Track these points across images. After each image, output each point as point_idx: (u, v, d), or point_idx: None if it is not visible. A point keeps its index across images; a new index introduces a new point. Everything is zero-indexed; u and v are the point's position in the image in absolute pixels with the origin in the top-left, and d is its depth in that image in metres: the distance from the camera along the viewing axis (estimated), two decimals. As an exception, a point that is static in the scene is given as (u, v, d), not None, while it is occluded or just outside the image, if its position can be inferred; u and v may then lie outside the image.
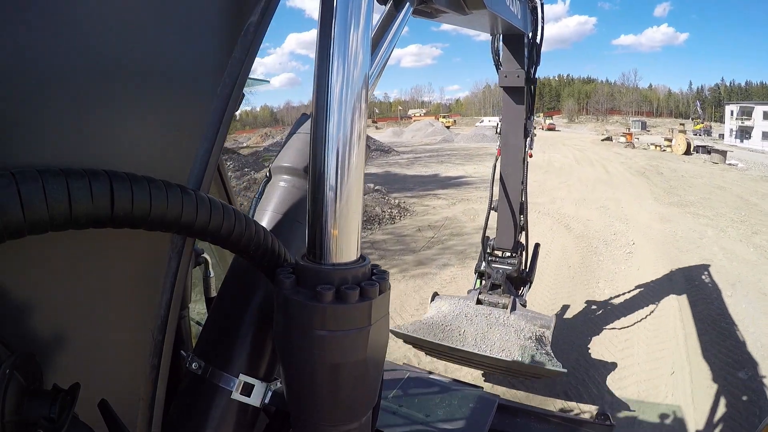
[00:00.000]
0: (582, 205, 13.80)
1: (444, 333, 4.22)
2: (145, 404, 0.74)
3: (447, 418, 2.73)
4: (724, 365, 5.18)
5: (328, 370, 0.70)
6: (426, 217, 12.28)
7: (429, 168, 23.27)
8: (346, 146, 0.70)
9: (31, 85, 0.50)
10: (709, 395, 4.62)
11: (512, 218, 4.66)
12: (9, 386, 0.44)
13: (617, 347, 5.66)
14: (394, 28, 1.09)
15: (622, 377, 5.04)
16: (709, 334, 5.89)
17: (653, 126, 78.79)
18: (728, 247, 9.63)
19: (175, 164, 0.70)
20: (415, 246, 9.79)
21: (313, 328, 0.67)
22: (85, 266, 0.60)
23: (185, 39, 0.68)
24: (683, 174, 21.82)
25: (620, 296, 7.14)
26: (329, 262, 0.72)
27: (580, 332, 5.98)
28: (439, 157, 28.54)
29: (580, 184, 18.18)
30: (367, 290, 0.69)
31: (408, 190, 16.27)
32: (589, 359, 5.38)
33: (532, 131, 4.57)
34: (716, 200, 15.11)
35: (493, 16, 2.77)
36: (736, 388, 4.73)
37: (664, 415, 4.27)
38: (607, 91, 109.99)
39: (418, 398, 2.93)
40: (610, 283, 7.70)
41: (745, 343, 5.65)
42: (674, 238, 10.37)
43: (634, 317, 6.40)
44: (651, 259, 8.90)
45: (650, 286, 7.49)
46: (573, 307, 6.73)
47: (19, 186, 0.44)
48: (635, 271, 8.22)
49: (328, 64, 0.69)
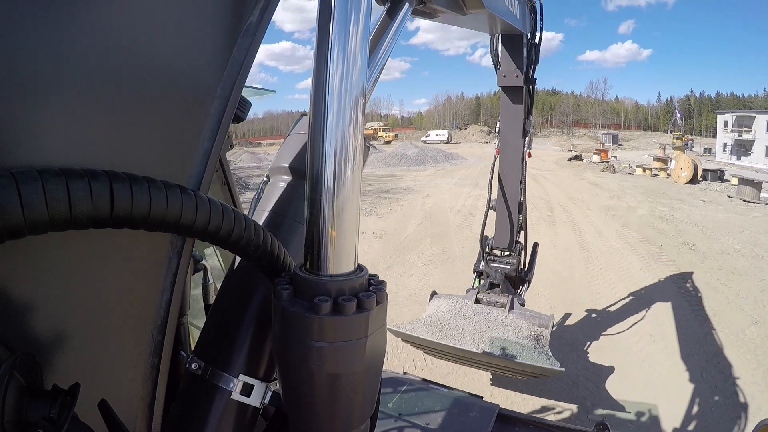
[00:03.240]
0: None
1: (442, 332, 4.22)
2: (145, 404, 0.74)
3: (446, 427, 2.73)
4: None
5: (326, 380, 0.70)
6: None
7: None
8: (344, 151, 0.69)
9: (31, 86, 0.50)
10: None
11: (511, 218, 4.67)
12: (9, 386, 0.44)
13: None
14: (393, 29, 1.08)
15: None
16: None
17: (625, 140, 71.46)
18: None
19: (175, 164, 0.70)
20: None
21: (311, 339, 0.67)
22: (85, 266, 0.60)
23: (185, 39, 0.68)
24: (725, 244, 11.07)
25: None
26: (326, 273, 0.71)
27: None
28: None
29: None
30: (364, 302, 0.69)
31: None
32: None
33: (530, 131, 4.58)
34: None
35: (492, 17, 2.77)
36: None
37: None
38: (573, 102, 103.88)
39: (417, 407, 2.93)
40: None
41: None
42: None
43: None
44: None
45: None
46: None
47: (19, 186, 0.44)
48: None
49: (327, 64, 0.68)
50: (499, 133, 4.60)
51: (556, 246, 10.81)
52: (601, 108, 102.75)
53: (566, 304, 7.33)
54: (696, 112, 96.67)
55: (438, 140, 64.97)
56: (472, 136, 77.58)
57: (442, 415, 2.83)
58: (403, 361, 5.45)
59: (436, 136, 66.58)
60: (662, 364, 5.60)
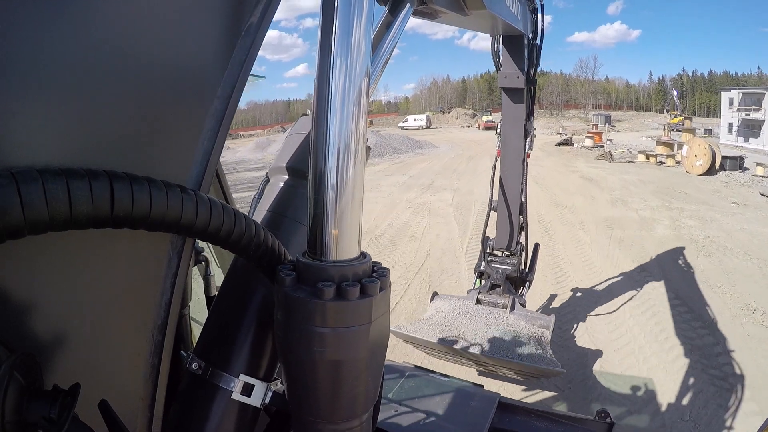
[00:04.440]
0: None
1: (443, 333, 4.22)
2: (145, 404, 0.74)
3: (447, 416, 2.73)
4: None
5: (329, 367, 0.70)
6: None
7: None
8: (347, 142, 0.70)
9: (31, 86, 0.50)
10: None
11: (511, 219, 4.67)
12: (9, 386, 0.44)
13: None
14: (395, 29, 1.09)
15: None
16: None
17: (618, 120, 65.05)
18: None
19: (175, 164, 0.71)
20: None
21: (314, 325, 0.67)
22: (85, 266, 0.60)
23: (185, 40, 0.68)
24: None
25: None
26: (330, 259, 0.72)
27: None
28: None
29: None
30: (367, 287, 0.69)
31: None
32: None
33: (532, 131, 4.58)
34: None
35: (493, 17, 2.77)
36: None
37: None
38: (561, 82, 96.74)
39: (418, 396, 2.93)
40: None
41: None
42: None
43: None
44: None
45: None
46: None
47: (19, 186, 0.44)
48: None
49: (329, 63, 0.69)
50: (499, 134, 4.60)
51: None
52: (591, 88, 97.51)
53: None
54: (689, 91, 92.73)
55: (416, 125, 59.12)
56: (456, 120, 71.52)
57: (443, 404, 2.83)
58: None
59: (414, 121, 60.12)
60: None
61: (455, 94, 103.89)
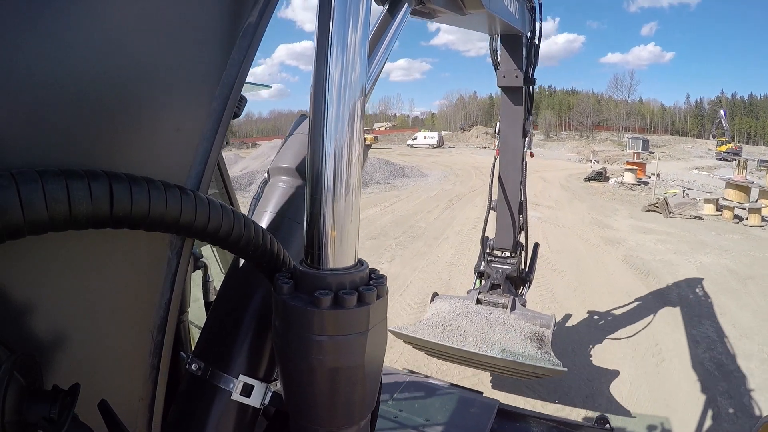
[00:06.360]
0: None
1: (444, 333, 4.22)
2: (145, 404, 0.74)
3: (447, 423, 2.73)
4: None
5: (327, 374, 0.70)
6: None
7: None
8: (343, 149, 0.70)
9: (31, 86, 0.50)
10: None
11: (511, 218, 4.67)
12: (9, 386, 0.44)
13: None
14: (393, 29, 1.09)
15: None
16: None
17: (655, 146, 51.92)
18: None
19: (174, 165, 0.71)
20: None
21: (312, 333, 0.67)
22: (84, 267, 0.60)
23: (184, 40, 0.68)
24: None
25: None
26: (327, 267, 0.71)
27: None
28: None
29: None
30: (364, 295, 0.69)
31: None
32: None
33: (530, 131, 4.58)
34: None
35: (491, 17, 2.78)
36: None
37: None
38: (594, 102, 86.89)
39: (417, 403, 2.92)
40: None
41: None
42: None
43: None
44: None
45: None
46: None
47: (19, 186, 0.44)
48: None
49: (326, 65, 0.69)
50: (499, 134, 4.61)
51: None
52: (625, 108, 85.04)
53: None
54: (729, 116, 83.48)
55: (426, 144, 52.31)
56: (475, 139, 65.39)
57: (443, 410, 2.83)
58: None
59: (424, 139, 53.42)
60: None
61: (482, 111, 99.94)
